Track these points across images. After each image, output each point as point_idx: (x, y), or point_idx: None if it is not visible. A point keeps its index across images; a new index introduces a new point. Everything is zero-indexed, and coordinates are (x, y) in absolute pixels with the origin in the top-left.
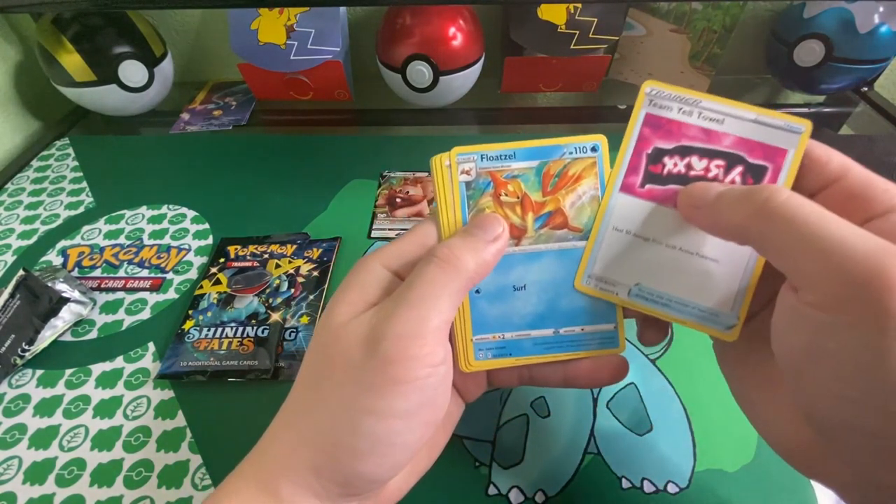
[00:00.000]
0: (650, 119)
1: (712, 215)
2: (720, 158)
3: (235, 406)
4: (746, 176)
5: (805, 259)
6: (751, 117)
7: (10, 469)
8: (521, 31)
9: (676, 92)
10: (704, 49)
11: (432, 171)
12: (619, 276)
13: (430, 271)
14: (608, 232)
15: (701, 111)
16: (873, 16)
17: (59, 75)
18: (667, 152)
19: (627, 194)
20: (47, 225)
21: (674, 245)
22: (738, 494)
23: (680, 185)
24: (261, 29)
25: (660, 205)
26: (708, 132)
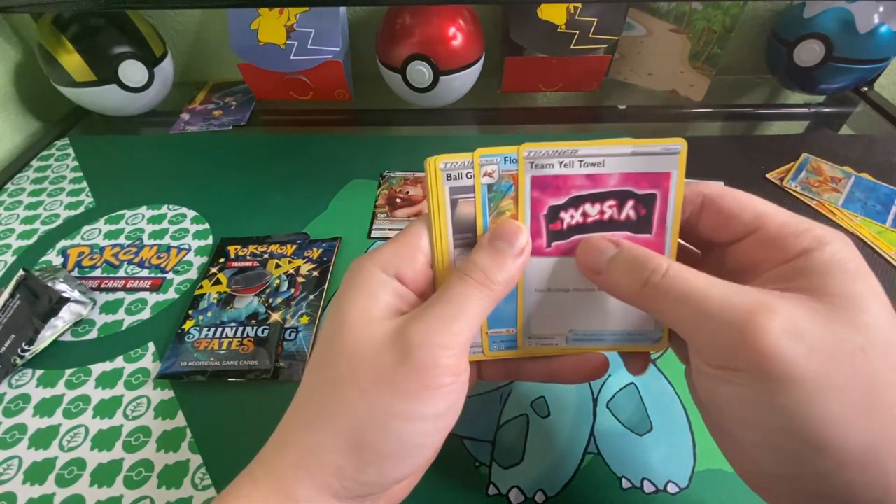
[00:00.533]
0: (536, 181)
1: (608, 283)
2: (611, 198)
3: (235, 406)
4: (639, 207)
5: (691, 324)
6: (627, 151)
7: (10, 469)
8: (521, 31)
9: (552, 147)
10: (704, 49)
11: (426, 172)
12: (553, 329)
13: (464, 289)
14: (531, 295)
15: (580, 159)
16: (873, 16)
17: (59, 75)
18: (561, 208)
19: (537, 257)
20: (47, 225)
21: (591, 288)
22: (738, 494)
23: (582, 234)
24: (261, 29)
25: (569, 257)
26: (593, 177)
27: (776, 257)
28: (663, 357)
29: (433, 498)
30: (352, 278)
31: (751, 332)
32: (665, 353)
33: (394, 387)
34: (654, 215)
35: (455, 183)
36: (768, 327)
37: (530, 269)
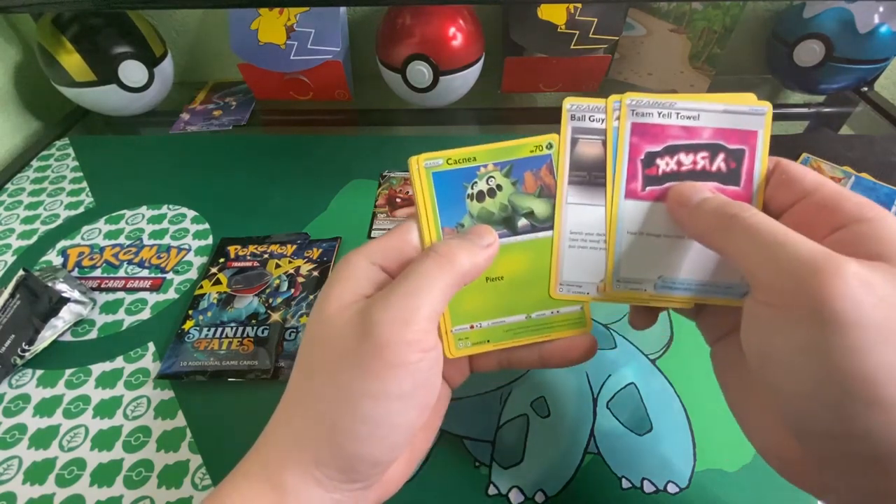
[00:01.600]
0: (636, 128)
1: (692, 218)
2: (704, 150)
3: (235, 406)
4: (729, 160)
5: (764, 260)
6: (720, 108)
7: (10, 469)
8: (521, 31)
9: (653, 98)
10: (704, 49)
11: (410, 171)
12: (642, 273)
13: (427, 264)
14: (623, 237)
15: (678, 112)
16: (873, 16)
17: (59, 75)
18: (657, 154)
19: (632, 199)
20: (47, 225)
21: (681, 235)
22: (738, 494)
23: (675, 182)
24: (261, 29)
25: (662, 202)
26: (688, 129)
27: (832, 219)
28: (663, 357)
29: (433, 498)
30: (337, 269)
31: (824, 271)
32: (666, 353)
33: (357, 367)
34: (742, 169)
35: (579, 124)
36: (842, 270)
37: (624, 210)
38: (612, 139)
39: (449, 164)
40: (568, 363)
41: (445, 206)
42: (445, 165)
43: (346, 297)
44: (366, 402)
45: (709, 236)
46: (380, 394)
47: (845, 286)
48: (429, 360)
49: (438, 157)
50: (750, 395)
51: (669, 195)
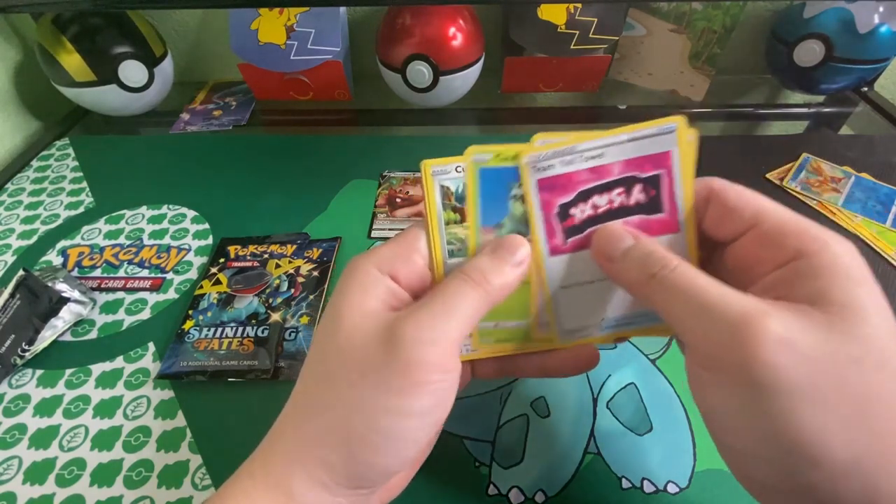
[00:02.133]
0: (542, 184)
1: (618, 274)
2: (617, 187)
3: (235, 406)
4: (648, 189)
5: (688, 322)
6: (624, 139)
7: (10, 469)
8: (521, 31)
9: (550, 149)
10: (704, 49)
11: (422, 175)
12: (585, 321)
13: (459, 287)
14: (558, 293)
15: (580, 155)
16: (873, 16)
17: (59, 75)
18: (570, 204)
19: (557, 255)
20: (47, 225)
21: None
22: (738, 494)
23: (596, 226)
24: (261, 29)
25: (585, 250)
26: (596, 170)
27: (774, 256)
28: (663, 357)
29: (433, 498)
30: (348, 275)
31: (743, 334)
32: (666, 353)
33: (381, 381)
34: (662, 194)
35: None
36: (761, 332)
37: (553, 268)
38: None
39: (497, 162)
40: (569, 373)
41: (488, 204)
42: (494, 162)
43: (364, 307)
44: (386, 417)
45: (636, 291)
46: (401, 410)
47: (766, 349)
48: (450, 381)
49: (488, 152)
50: None
51: (592, 249)
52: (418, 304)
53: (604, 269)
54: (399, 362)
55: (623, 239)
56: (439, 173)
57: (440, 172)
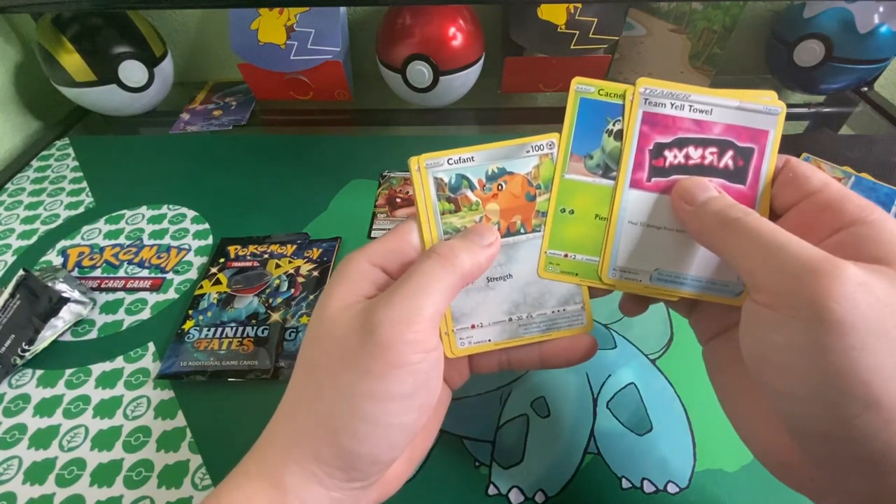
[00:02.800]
0: (647, 117)
1: (694, 217)
2: (713, 146)
3: (235, 406)
4: (738, 158)
5: (760, 260)
6: (734, 105)
7: (10, 469)
8: (521, 31)
9: (668, 88)
10: (704, 49)
11: (410, 171)
12: (639, 264)
13: (428, 265)
14: (624, 226)
15: (691, 104)
16: (873, 16)
17: (59, 75)
18: (666, 146)
19: (636, 189)
20: (47, 225)
21: (682, 229)
22: (738, 494)
23: (681, 175)
24: (261, 29)
25: (666, 195)
26: (699, 123)
27: (833, 221)
28: (663, 357)
29: (433, 498)
30: (338, 269)
31: (821, 273)
32: (666, 353)
33: (359, 366)
34: (749, 168)
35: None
36: (840, 272)
37: (627, 200)
38: (629, 127)
39: (600, 95)
40: (568, 363)
41: (582, 134)
42: (596, 95)
43: (347, 298)
44: (367, 402)
45: (709, 236)
46: (381, 394)
47: (843, 287)
48: (430, 361)
49: (592, 86)
50: (745, 397)
51: (674, 190)
52: (390, 287)
53: (679, 211)
54: (374, 345)
55: (708, 188)
56: (433, 166)
57: (433, 165)
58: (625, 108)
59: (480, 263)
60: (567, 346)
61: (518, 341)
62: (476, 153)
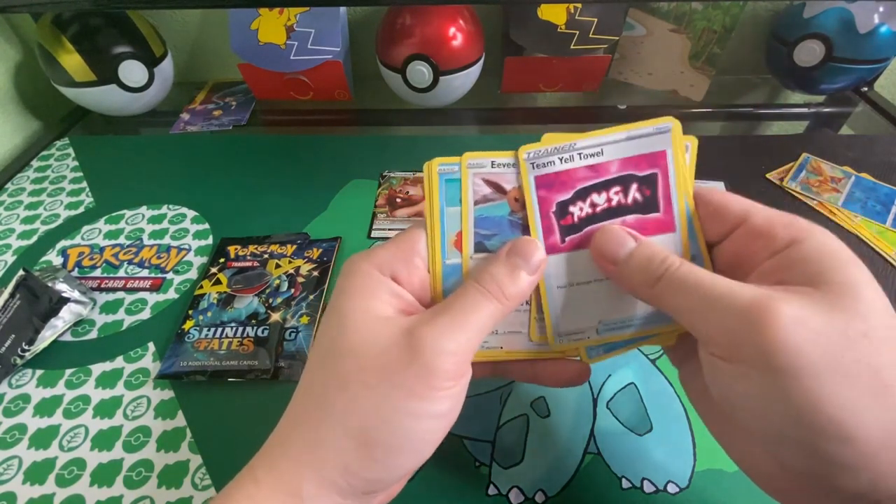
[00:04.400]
0: (540, 181)
1: (622, 277)
2: (615, 185)
3: (235, 406)
4: (643, 188)
5: (700, 316)
6: (622, 137)
7: (10, 469)
8: (521, 31)
9: (549, 145)
10: (704, 49)
11: (425, 175)
12: (581, 323)
13: (476, 299)
14: (554, 293)
15: (579, 152)
16: (873, 16)
17: (59, 75)
18: (568, 202)
19: (554, 254)
20: (47, 225)
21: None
22: (738, 494)
23: (594, 225)
24: (261, 29)
25: (584, 249)
26: (594, 167)
27: (765, 248)
28: (663, 357)
29: (433, 498)
30: (349, 276)
31: (757, 319)
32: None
33: (401, 385)
34: (658, 194)
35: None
36: (773, 315)
37: (549, 267)
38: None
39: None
40: (558, 384)
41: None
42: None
43: (376, 310)
44: (407, 420)
45: (643, 294)
46: (422, 413)
47: (780, 332)
48: (464, 384)
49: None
50: (726, 420)
51: (593, 251)
52: (435, 310)
53: (606, 272)
54: (421, 367)
55: (624, 242)
56: (445, 172)
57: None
58: (520, 176)
59: (525, 292)
60: (560, 368)
61: (526, 354)
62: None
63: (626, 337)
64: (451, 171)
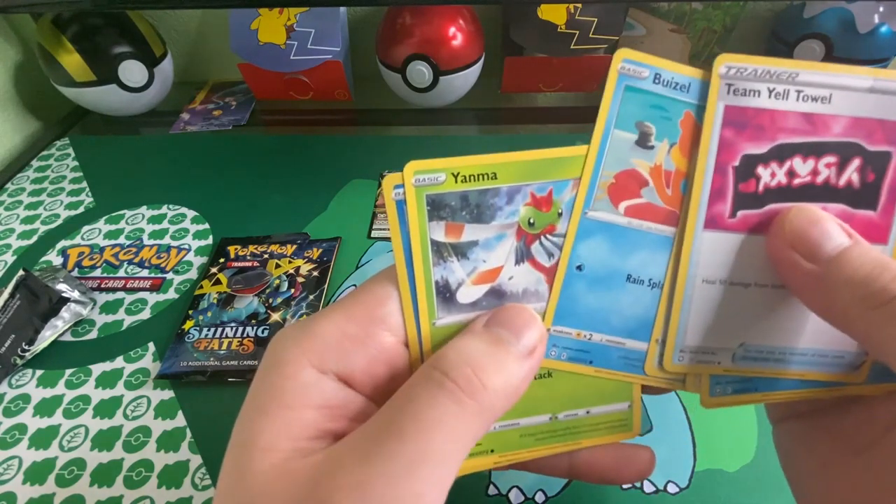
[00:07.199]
0: (732, 115)
1: (818, 285)
2: (831, 153)
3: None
4: (866, 170)
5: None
6: (864, 85)
7: (10, 469)
8: (521, 31)
9: (763, 65)
10: (704, 49)
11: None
12: (718, 340)
13: (433, 404)
14: (696, 287)
15: (800, 89)
16: (873, 16)
17: (59, 75)
18: (760, 159)
19: (714, 230)
20: (47, 225)
21: (781, 283)
22: (738, 494)
23: (782, 203)
24: (261, 29)
25: (758, 235)
26: (812, 118)
27: None
28: None
29: None
30: (268, 373)
31: None
32: None
33: None
34: (884, 184)
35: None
36: None
37: (700, 247)
38: (706, 131)
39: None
40: (611, 482)
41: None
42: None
43: (281, 443)
44: None
45: (845, 319)
46: None
47: None
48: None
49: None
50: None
51: (777, 231)
52: (366, 437)
53: (790, 273)
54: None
55: (833, 233)
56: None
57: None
58: (707, 98)
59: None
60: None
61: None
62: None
63: (771, 373)
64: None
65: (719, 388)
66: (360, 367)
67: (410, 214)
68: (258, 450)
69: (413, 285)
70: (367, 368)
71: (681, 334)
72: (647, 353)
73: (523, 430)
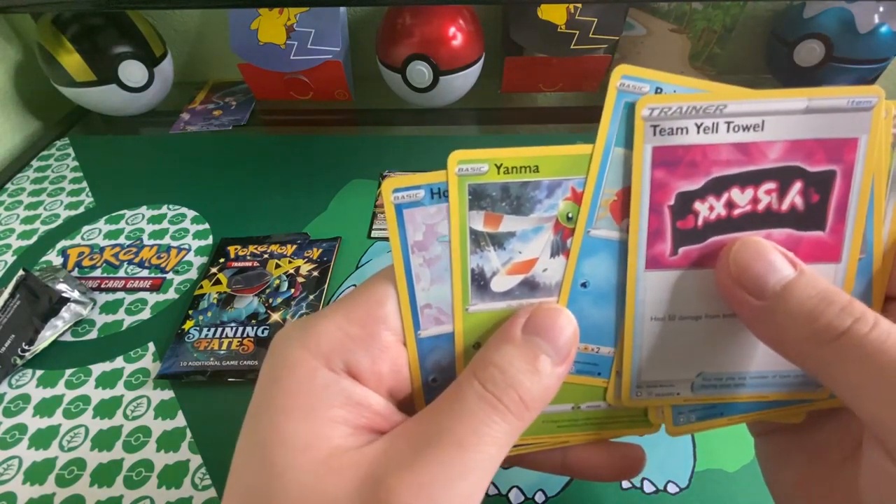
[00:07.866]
0: (661, 155)
1: (769, 323)
2: (769, 180)
3: (235, 406)
4: (809, 192)
5: (888, 408)
6: (799, 107)
7: (10, 469)
8: (521, 31)
9: (688, 102)
10: (704, 49)
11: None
12: (674, 373)
13: (493, 422)
14: (645, 325)
15: (729, 120)
16: (873, 16)
17: (59, 75)
18: (696, 195)
19: (657, 269)
20: (47, 225)
21: (731, 312)
22: (738, 494)
23: (723, 235)
24: (261, 29)
25: (702, 269)
26: (745, 148)
27: None
28: None
29: None
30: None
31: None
32: None
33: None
34: (830, 203)
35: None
36: None
37: (646, 287)
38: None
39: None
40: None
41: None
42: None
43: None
44: None
45: (797, 353)
46: None
47: None
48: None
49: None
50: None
51: (723, 273)
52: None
53: (737, 305)
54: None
55: (779, 266)
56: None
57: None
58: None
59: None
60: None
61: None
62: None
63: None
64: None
65: (683, 417)
66: (365, 366)
67: (452, 203)
68: (293, 449)
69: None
70: (372, 367)
71: (635, 371)
72: (609, 383)
73: (545, 416)
